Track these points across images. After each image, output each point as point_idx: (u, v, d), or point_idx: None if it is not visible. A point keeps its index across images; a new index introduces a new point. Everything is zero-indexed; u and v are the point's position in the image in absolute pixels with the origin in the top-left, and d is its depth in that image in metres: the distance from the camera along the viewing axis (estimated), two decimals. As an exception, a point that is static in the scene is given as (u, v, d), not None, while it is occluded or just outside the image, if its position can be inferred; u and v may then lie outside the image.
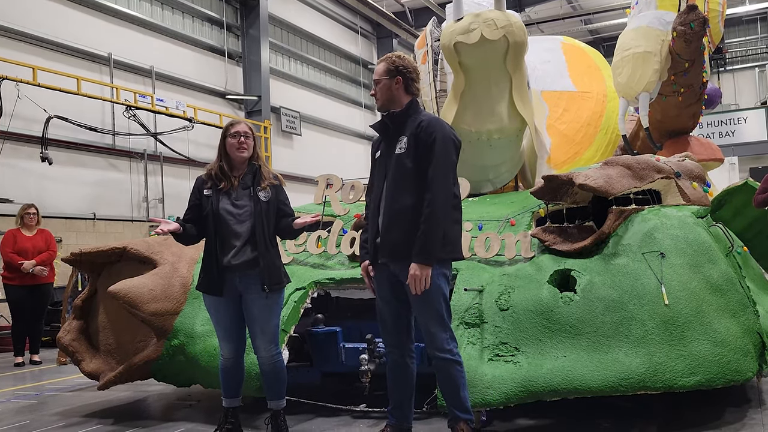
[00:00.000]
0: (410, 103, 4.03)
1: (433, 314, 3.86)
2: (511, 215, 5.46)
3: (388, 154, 4.00)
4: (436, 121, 3.98)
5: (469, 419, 3.92)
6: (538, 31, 23.83)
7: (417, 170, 3.87)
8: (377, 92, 4.06)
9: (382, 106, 4.07)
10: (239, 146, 4.36)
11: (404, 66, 4.01)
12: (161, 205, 15.51)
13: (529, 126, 6.76)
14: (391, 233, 3.89)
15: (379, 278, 4.05)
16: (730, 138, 23.40)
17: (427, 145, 3.86)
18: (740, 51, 27.28)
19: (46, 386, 7.26)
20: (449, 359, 3.86)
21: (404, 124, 3.99)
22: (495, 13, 6.06)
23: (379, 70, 4.04)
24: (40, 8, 13.14)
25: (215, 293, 4.32)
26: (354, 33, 23.48)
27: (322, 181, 5.89)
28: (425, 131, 3.89)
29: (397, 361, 4.06)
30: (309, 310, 5.16)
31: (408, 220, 3.83)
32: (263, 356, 4.33)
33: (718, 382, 4.05)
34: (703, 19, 6.77)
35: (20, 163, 12.46)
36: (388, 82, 3.99)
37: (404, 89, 4.01)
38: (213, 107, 16.99)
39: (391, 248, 3.88)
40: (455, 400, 3.91)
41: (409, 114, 4.00)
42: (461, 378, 3.90)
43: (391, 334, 4.07)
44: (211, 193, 4.36)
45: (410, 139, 3.92)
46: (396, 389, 4.08)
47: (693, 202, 5.28)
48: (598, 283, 4.44)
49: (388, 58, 4.07)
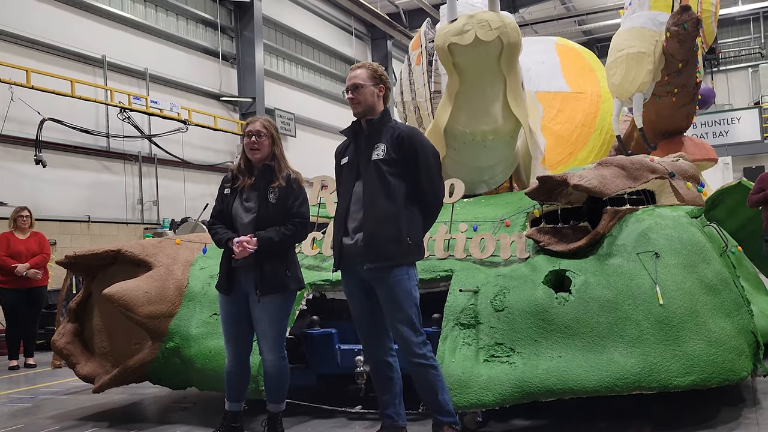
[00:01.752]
0: (385, 111, 4.15)
1: (404, 318, 3.89)
2: (505, 216, 5.46)
3: (362, 160, 4.05)
4: (415, 132, 4.12)
5: (452, 422, 3.94)
6: (532, 32, 23.88)
7: (399, 177, 3.97)
8: (359, 97, 4.07)
9: (363, 111, 4.10)
10: (251, 146, 4.33)
11: (385, 76, 4.15)
12: (156, 207, 15.48)
13: (523, 127, 6.76)
14: (375, 238, 3.92)
15: (348, 277, 4.12)
16: (724, 138, 23.50)
17: (411, 157, 3.97)
18: (733, 51, 27.39)
19: (40, 389, 7.23)
20: (423, 364, 3.90)
21: (380, 132, 4.07)
22: (489, 14, 6.06)
23: (362, 75, 4.07)
24: (33, 10, 13.11)
25: (224, 292, 4.33)
26: (348, 34, 23.49)
27: (317, 182, 5.89)
28: (407, 142, 3.99)
29: (379, 361, 4.09)
30: (304, 312, 5.16)
31: (392, 224, 3.91)
32: (266, 359, 4.33)
33: (713, 382, 4.06)
34: (696, 20, 6.79)
35: (14, 166, 12.43)
36: (372, 88, 4.07)
37: (383, 98, 4.13)
38: (207, 109, 16.97)
39: (376, 253, 3.91)
40: (435, 404, 3.94)
41: (384, 122, 4.10)
42: (438, 381, 3.93)
43: (369, 335, 4.11)
44: (229, 192, 4.39)
45: (389, 147, 4.00)
46: (382, 390, 4.10)
47: (687, 202, 5.29)
48: (593, 284, 4.44)
49: (368, 66, 4.15)
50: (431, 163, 4.02)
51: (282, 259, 4.32)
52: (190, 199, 16.12)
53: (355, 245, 4.00)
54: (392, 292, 3.92)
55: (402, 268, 3.93)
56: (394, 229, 3.91)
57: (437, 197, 4.07)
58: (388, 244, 3.90)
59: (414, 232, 4.00)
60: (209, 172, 16.72)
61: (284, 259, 4.33)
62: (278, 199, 4.29)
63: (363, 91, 4.06)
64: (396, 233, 3.91)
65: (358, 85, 4.06)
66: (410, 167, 3.98)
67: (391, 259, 3.91)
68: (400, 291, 3.91)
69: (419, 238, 4.04)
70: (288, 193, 4.32)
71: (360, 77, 4.07)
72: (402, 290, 3.91)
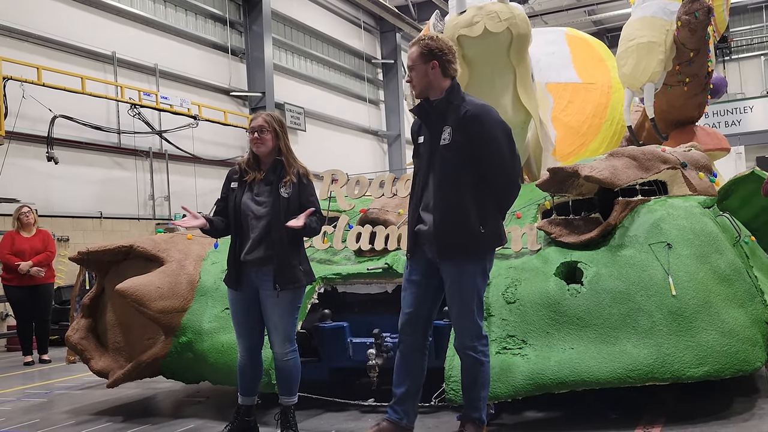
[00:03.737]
0: (450, 87, 3.84)
1: (465, 311, 3.81)
2: (516, 208, 5.44)
3: (432, 144, 3.85)
4: (482, 110, 3.81)
5: (477, 418, 3.88)
6: (542, 23, 23.77)
7: (466, 164, 3.75)
8: (413, 79, 3.87)
9: (420, 93, 3.88)
10: (255, 141, 4.33)
11: (439, 48, 3.80)
12: (167, 202, 15.55)
13: (533, 118, 6.74)
14: (444, 228, 3.77)
15: (414, 262, 3.95)
16: (737, 127, 23.30)
17: (477, 137, 3.72)
18: (745, 40, 27.14)
19: (55, 385, 7.29)
20: (472, 356, 3.83)
21: (446, 113, 3.82)
22: (498, 6, 6.04)
23: (412, 55, 3.85)
24: (43, 8, 13.16)
25: (232, 287, 4.33)
26: (357, 28, 23.45)
27: (327, 176, 5.89)
28: (471, 122, 3.74)
29: (406, 351, 3.96)
30: (316, 306, 5.17)
31: (462, 215, 3.74)
32: (277, 353, 4.32)
33: (726, 373, 4.04)
34: (708, 8, 6.73)
35: (26, 163, 12.50)
36: (423, 67, 3.81)
37: (441, 73, 3.82)
38: (217, 104, 17.00)
39: (448, 244, 3.77)
40: (470, 397, 3.89)
41: (450, 101, 3.82)
42: (481, 377, 3.85)
43: (408, 321, 3.94)
44: (237, 185, 4.37)
45: (455, 130, 3.77)
46: (402, 382, 3.97)
47: (699, 192, 5.25)
48: (605, 275, 4.43)
49: (420, 41, 3.85)
50: (500, 141, 3.75)
51: (296, 253, 4.32)
52: (201, 195, 16.17)
53: (427, 233, 3.85)
54: (457, 284, 3.80)
55: (472, 260, 3.79)
56: (465, 220, 3.73)
57: (510, 176, 3.80)
58: (458, 236, 3.74)
59: (488, 219, 3.78)
60: (220, 167, 16.76)
61: (297, 254, 4.34)
62: (291, 194, 4.29)
63: (416, 72, 3.83)
64: (466, 225, 3.73)
65: (410, 66, 3.86)
66: (477, 148, 3.73)
67: (462, 252, 3.76)
68: (466, 283, 3.78)
69: (495, 224, 3.82)
70: (301, 188, 4.33)
71: (410, 57, 3.86)
72: (468, 283, 3.78)
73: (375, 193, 5.76)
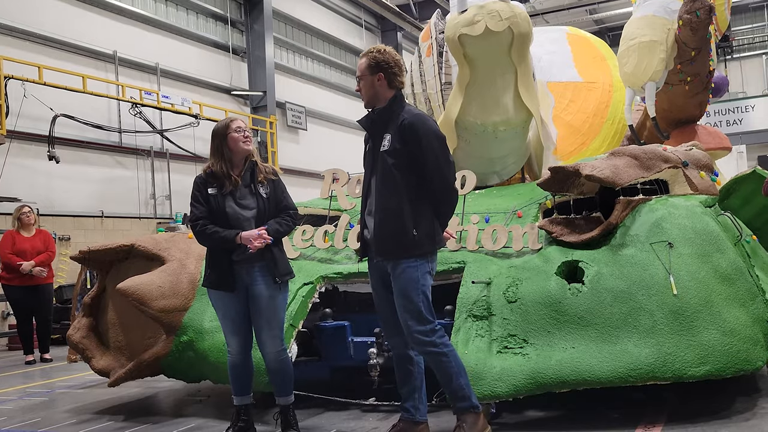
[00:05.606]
0: (393, 98, 4.04)
1: (409, 309, 3.89)
2: (518, 207, 5.44)
3: (375, 151, 4.04)
4: (419, 119, 3.99)
5: (469, 406, 3.90)
6: (543, 22, 23.74)
7: (405, 169, 3.93)
8: (361, 89, 4.07)
9: (368, 102, 4.08)
10: (244, 140, 4.37)
11: (385, 61, 3.99)
12: (168, 201, 15.56)
13: (535, 117, 6.74)
14: (382, 232, 3.95)
15: (371, 269, 4.14)
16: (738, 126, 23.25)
17: (415, 145, 3.90)
18: (747, 39, 27.11)
19: (56, 384, 7.30)
20: (432, 352, 3.89)
21: (388, 121, 4.01)
22: (499, 5, 6.03)
23: (360, 66, 4.04)
24: (44, 7, 13.16)
25: (227, 289, 4.32)
26: (358, 26, 23.45)
27: (328, 175, 5.89)
28: (408, 130, 3.92)
29: (400, 353, 4.09)
30: (317, 305, 5.17)
31: (397, 218, 3.90)
32: (269, 351, 4.33)
33: (727, 372, 4.04)
34: (709, 7, 6.72)
35: (27, 162, 12.50)
36: (370, 78, 4.00)
37: (387, 84, 4.01)
38: (218, 103, 17.00)
39: (384, 247, 3.95)
40: (450, 390, 3.93)
41: (393, 110, 4.02)
42: (450, 367, 3.89)
43: (390, 326, 4.11)
44: (215, 192, 4.36)
45: (394, 136, 3.95)
46: (403, 382, 4.09)
47: (701, 192, 5.25)
48: (606, 274, 4.42)
49: (369, 54, 4.04)
50: (435, 148, 3.92)
51: (282, 249, 4.46)
52: (203, 194, 16.16)
53: (369, 238, 4.05)
54: (398, 283, 3.93)
55: (410, 261, 3.91)
56: (398, 223, 3.89)
57: (446, 182, 3.96)
58: (393, 239, 3.91)
59: (423, 223, 3.93)
60: (221, 166, 16.74)
61: (282, 250, 4.47)
62: (269, 192, 4.43)
63: (363, 82, 4.04)
64: (400, 227, 3.89)
65: (358, 76, 4.06)
66: (415, 155, 3.91)
67: (396, 253, 3.92)
68: (405, 281, 3.90)
69: (429, 229, 3.97)
70: (275, 186, 4.48)
71: (359, 68, 4.05)
72: (407, 280, 3.90)
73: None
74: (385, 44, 4.17)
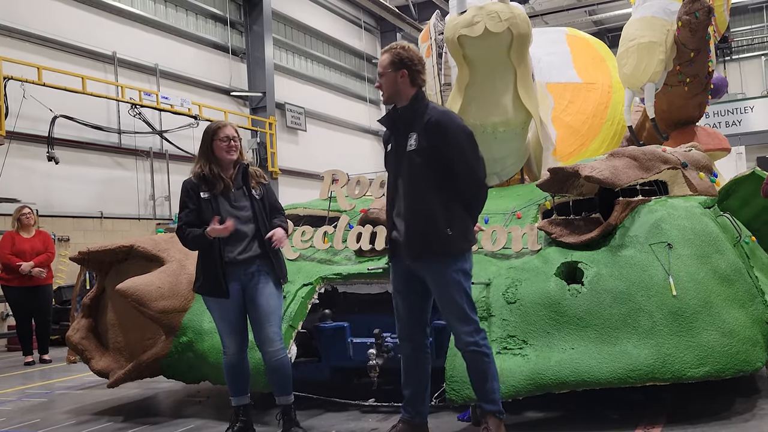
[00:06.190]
0: (415, 96, 3.97)
1: (454, 309, 3.87)
2: (517, 208, 5.45)
3: (400, 150, 3.97)
4: (445, 116, 3.95)
5: (496, 411, 3.91)
6: (543, 23, 23.76)
7: (433, 167, 3.86)
8: (382, 85, 4.01)
9: (388, 99, 4.03)
10: (228, 149, 4.37)
11: (409, 58, 3.94)
12: (168, 202, 15.55)
13: (534, 118, 6.74)
14: (414, 233, 3.87)
15: (396, 271, 4.07)
16: (737, 127, 23.24)
17: (442, 142, 3.83)
18: (746, 40, 27.13)
19: (55, 385, 7.29)
20: (475, 351, 3.87)
21: (412, 120, 3.95)
22: (499, 6, 6.04)
23: (383, 62, 3.98)
24: (44, 8, 13.16)
25: (220, 296, 4.30)
26: (357, 28, 23.45)
27: (327, 176, 5.89)
28: (435, 128, 3.86)
29: (408, 354, 4.06)
30: (316, 306, 5.17)
31: (429, 219, 3.83)
32: (268, 351, 4.32)
33: (726, 373, 4.04)
34: (708, 9, 6.73)
35: (27, 163, 12.50)
36: (393, 75, 3.94)
37: (409, 82, 3.95)
38: (218, 104, 17.00)
39: (418, 248, 3.87)
40: (482, 391, 3.92)
41: (416, 108, 3.96)
42: (489, 369, 3.90)
43: (404, 327, 4.07)
44: (208, 196, 4.35)
45: (421, 135, 3.88)
46: (408, 383, 4.07)
47: (700, 193, 5.25)
48: (606, 275, 4.42)
49: (392, 50, 3.99)
50: (464, 145, 3.86)
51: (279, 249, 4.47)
52: (202, 194, 16.16)
53: (400, 240, 3.96)
54: (438, 286, 3.88)
55: (447, 261, 3.85)
56: (431, 223, 3.83)
57: (476, 178, 3.91)
58: (426, 239, 3.84)
59: (456, 222, 3.86)
60: (220, 167, 16.75)
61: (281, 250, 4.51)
62: (262, 195, 4.46)
63: (385, 79, 3.97)
64: (433, 228, 3.82)
65: (380, 72, 3.99)
66: (443, 153, 3.85)
67: (431, 254, 3.84)
68: (446, 283, 3.86)
69: (463, 226, 3.90)
70: (266, 188, 4.52)
71: (381, 64, 3.98)
72: (447, 282, 3.85)
73: (375, 193, 5.76)
74: (383, 45, 4.18)
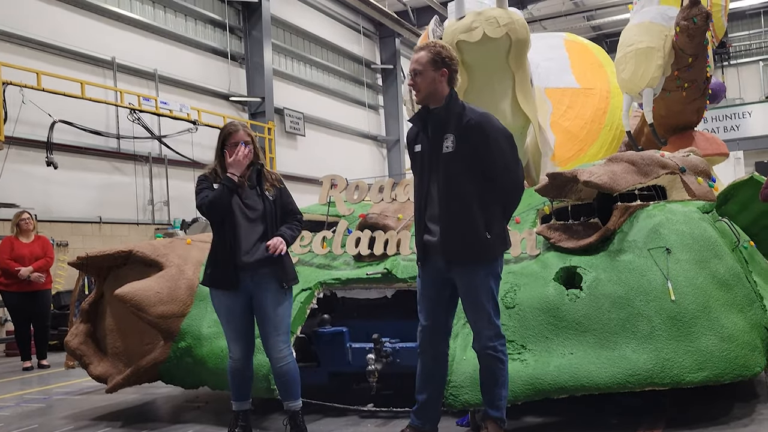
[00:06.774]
0: (450, 96, 3.86)
1: (481, 313, 3.84)
2: (516, 213, 5.44)
3: (433, 153, 3.86)
4: (485, 119, 3.84)
5: (498, 417, 3.90)
6: (541, 29, 23.79)
7: (470, 171, 3.78)
8: (418, 83, 3.84)
9: (424, 99, 3.88)
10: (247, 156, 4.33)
11: (449, 57, 3.83)
12: (166, 207, 15.53)
13: (532, 123, 6.75)
14: (452, 236, 3.80)
15: (426, 275, 3.98)
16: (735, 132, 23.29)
17: (482, 145, 3.75)
18: (744, 45, 27.20)
19: (54, 390, 7.28)
20: (491, 355, 3.86)
21: (447, 121, 3.83)
22: (497, 11, 6.05)
23: (421, 59, 3.82)
24: (43, 13, 13.17)
25: (229, 287, 4.27)
26: (356, 33, 23.47)
27: (326, 181, 5.90)
28: (476, 131, 3.77)
29: (427, 362, 4.00)
30: (315, 311, 5.17)
31: (467, 222, 3.77)
32: (276, 357, 4.31)
33: (725, 378, 4.04)
34: (706, 14, 6.75)
35: (25, 168, 12.49)
36: (432, 74, 3.80)
37: (447, 82, 3.84)
38: (217, 109, 17.00)
39: (456, 251, 3.81)
40: (490, 395, 3.92)
41: (451, 109, 3.84)
42: (502, 375, 3.90)
43: (426, 333, 3.99)
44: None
45: (458, 137, 3.78)
46: (423, 389, 4.01)
47: (698, 198, 5.26)
48: (604, 280, 4.43)
49: (431, 47, 3.84)
50: (504, 148, 3.79)
51: (288, 254, 4.45)
52: (201, 200, 16.14)
53: (434, 243, 3.87)
54: (470, 288, 3.84)
55: (483, 265, 3.81)
56: (470, 226, 3.76)
57: (515, 182, 3.86)
58: (465, 242, 3.77)
59: (495, 225, 3.82)
60: (219, 172, 16.73)
61: (289, 255, 4.48)
62: (275, 197, 4.43)
63: (423, 77, 3.81)
64: (471, 231, 3.76)
65: (418, 70, 3.83)
66: (482, 156, 3.76)
67: (468, 257, 3.79)
68: (477, 286, 3.82)
69: (500, 229, 3.86)
70: (281, 191, 4.49)
71: (419, 61, 3.82)
72: (478, 285, 3.81)
73: (374, 198, 5.77)
74: (382, 51, 4.13)
